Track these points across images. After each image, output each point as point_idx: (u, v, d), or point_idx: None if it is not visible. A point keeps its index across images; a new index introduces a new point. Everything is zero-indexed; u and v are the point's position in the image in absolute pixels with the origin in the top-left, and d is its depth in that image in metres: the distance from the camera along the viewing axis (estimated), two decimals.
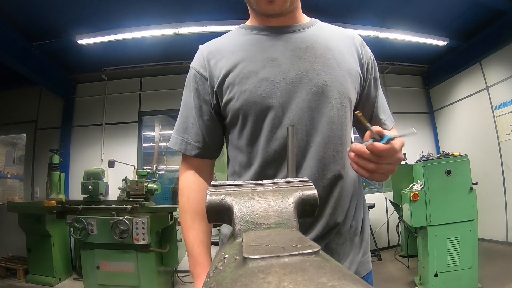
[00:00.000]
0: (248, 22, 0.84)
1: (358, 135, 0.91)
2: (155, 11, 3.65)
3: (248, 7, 0.81)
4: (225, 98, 0.76)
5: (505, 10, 3.72)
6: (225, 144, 0.89)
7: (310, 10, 0.90)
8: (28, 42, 3.93)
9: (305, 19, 0.84)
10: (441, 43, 4.37)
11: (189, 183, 0.83)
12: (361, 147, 0.61)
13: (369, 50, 0.85)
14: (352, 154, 0.62)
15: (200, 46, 0.85)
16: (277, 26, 0.78)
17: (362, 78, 0.81)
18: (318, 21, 0.85)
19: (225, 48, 0.79)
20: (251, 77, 0.73)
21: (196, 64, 0.82)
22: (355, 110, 0.82)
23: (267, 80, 0.73)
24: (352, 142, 0.85)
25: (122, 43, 4.03)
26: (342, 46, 0.79)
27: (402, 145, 0.63)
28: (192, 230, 0.79)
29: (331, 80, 0.74)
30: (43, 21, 3.66)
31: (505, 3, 3.64)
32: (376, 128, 0.62)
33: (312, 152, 0.73)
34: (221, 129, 0.84)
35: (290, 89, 0.73)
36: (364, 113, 0.82)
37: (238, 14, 3.53)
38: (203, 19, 3.77)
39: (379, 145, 0.58)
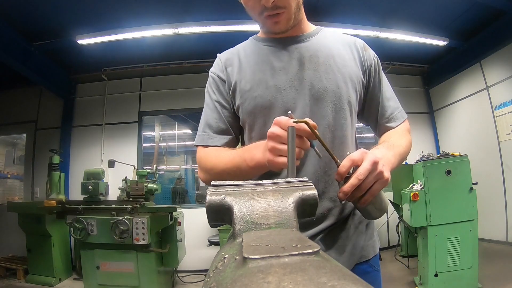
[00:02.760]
0: (260, 34, 0.92)
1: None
2: (155, 11, 3.65)
3: None
4: (237, 102, 0.85)
5: (505, 10, 3.71)
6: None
7: (310, 10, 0.90)
8: (28, 42, 3.93)
9: (310, 27, 0.90)
10: (441, 43, 4.36)
11: (207, 150, 0.88)
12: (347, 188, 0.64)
13: (371, 53, 0.90)
14: (341, 195, 0.65)
15: (218, 55, 0.94)
16: (285, 37, 0.86)
17: (365, 81, 0.87)
18: (323, 28, 0.92)
19: (239, 58, 0.88)
20: (261, 84, 0.82)
21: (215, 69, 0.91)
22: (361, 112, 0.92)
23: (275, 87, 0.81)
24: (356, 142, 0.90)
25: (122, 43, 4.02)
26: (344, 53, 0.85)
27: (372, 163, 0.63)
28: (221, 156, 0.82)
29: (331, 86, 0.80)
30: (43, 21, 3.66)
31: (505, 3, 3.64)
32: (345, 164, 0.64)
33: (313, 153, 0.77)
34: (239, 126, 0.91)
35: (295, 96, 0.80)
36: (371, 114, 0.93)
37: (237, 14, 3.53)
38: (203, 19, 3.77)
39: (345, 187, 0.62)
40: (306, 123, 0.59)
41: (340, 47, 0.86)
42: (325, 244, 0.80)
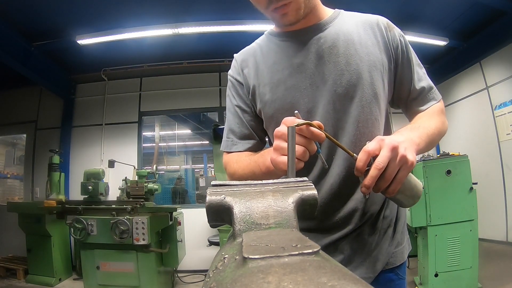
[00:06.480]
0: (274, 28, 0.87)
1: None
2: (155, 11, 3.65)
3: None
4: (258, 106, 0.82)
5: (505, 10, 3.71)
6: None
7: None
8: (28, 42, 3.93)
9: (327, 13, 0.83)
10: (441, 43, 4.36)
11: (230, 156, 0.87)
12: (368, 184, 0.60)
13: (397, 32, 0.82)
14: (364, 189, 0.61)
15: (234, 55, 0.91)
16: (300, 29, 0.80)
17: (393, 66, 0.80)
18: (342, 12, 0.85)
19: (255, 58, 0.85)
20: (280, 86, 0.78)
21: (233, 72, 0.89)
22: (394, 99, 0.85)
23: (294, 87, 0.77)
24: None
25: (122, 43, 4.02)
26: (366, 38, 0.78)
27: (392, 149, 0.58)
28: (241, 161, 0.82)
29: (354, 79, 0.74)
30: (43, 21, 3.66)
31: (505, 3, 3.64)
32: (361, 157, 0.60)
33: (340, 152, 0.74)
34: (263, 128, 0.88)
35: (317, 94, 0.76)
36: (401, 98, 0.85)
37: (237, 14, 3.53)
38: (203, 19, 3.77)
39: (366, 181, 0.58)
40: (310, 124, 0.57)
41: (361, 31, 0.79)
42: (351, 248, 0.77)
